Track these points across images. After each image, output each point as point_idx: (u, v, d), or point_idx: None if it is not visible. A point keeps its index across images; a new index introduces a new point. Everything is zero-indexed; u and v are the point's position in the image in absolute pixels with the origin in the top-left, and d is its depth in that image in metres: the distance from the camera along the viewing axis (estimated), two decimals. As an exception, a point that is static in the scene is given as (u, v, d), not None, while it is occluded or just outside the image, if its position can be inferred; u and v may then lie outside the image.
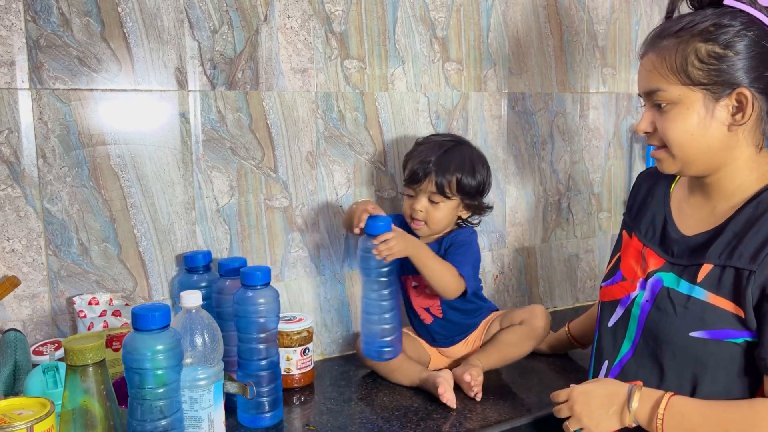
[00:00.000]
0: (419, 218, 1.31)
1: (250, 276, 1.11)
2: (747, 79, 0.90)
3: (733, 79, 0.90)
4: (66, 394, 0.86)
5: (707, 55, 0.90)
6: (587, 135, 1.80)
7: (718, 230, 0.95)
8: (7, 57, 1.12)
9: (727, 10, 0.92)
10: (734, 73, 0.90)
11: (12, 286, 1.13)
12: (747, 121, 0.91)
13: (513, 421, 1.16)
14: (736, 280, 0.90)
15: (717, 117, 0.92)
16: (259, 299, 1.11)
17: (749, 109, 0.90)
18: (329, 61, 1.40)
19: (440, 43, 1.53)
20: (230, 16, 1.29)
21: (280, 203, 1.39)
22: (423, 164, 1.30)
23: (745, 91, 0.90)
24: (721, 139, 0.93)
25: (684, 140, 0.93)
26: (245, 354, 1.12)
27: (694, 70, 0.91)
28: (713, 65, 0.90)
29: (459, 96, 1.57)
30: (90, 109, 1.19)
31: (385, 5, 1.44)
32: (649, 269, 1.02)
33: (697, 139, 0.93)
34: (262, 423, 1.12)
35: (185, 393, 0.96)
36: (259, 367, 1.12)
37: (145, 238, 1.26)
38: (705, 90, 0.91)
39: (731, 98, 0.91)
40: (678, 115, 0.93)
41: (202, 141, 1.29)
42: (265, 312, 1.11)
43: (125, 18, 1.20)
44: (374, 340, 1.26)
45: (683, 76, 0.91)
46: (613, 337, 1.06)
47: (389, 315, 1.25)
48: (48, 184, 1.17)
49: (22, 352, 1.08)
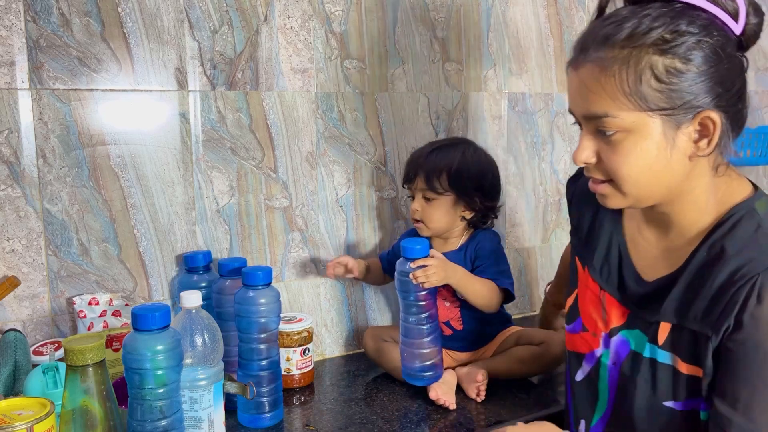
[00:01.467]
0: (416, 218, 1.30)
1: (251, 276, 1.11)
2: (711, 99, 0.74)
3: (696, 100, 0.73)
4: (66, 394, 0.86)
5: (665, 72, 0.73)
6: (587, 135, 1.80)
7: (673, 277, 0.82)
8: (7, 57, 1.12)
9: (678, 7, 0.74)
10: (697, 92, 0.73)
11: (12, 286, 1.13)
12: (712, 148, 0.76)
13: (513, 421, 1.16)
14: (696, 342, 0.79)
15: (678, 146, 0.76)
16: (261, 299, 1.11)
17: (716, 136, 0.75)
18: (329, 61, 1.40)
19: (440, 43, 1.53)
20: (230, 16, 1.29)
21: (280, 203, 1.39)
22: (414, 161, 1.30)
23: (712, 113, 0.74)
24: (682, 172, 0.77)
25: (639, 176, 0.77)
26: (246, 354, 1.12)
27: (650, 92, 0.73)
28: (673, 84, 0.73)
29: (459, 96, 1.57)
30: (90, 109, 1.19)
31: (385, 5, 1.44)
32: (612, 324, 0.90)
33: (655, 174, 0.77)
34: (262, 423, 1.12)
35: (185, 393, 0.96)
36: (260, 367, 1.12)
37: (145, 239, 1.26)
38: (664, 115, 0.74)
39: (694, 123, 0.75)
40: (633, 146, 0.76)
41: (202, 141, 1.29)
42: (266, 312, 1.11)
43: (125, 18, 1.20)
44: (414, 364, 1.21)
45: (638, 100, 0.74)
46: (586, 395, 0.95)
47: (429, 339, 1.20)
48: (48, 184, 1.17)
49: (22, 353, 1.08)
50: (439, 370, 1.22)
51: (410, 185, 1.32)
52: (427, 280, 1.16)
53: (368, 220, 1.49)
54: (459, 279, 1.21)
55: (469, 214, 1.32)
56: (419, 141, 1.52)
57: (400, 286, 1.20)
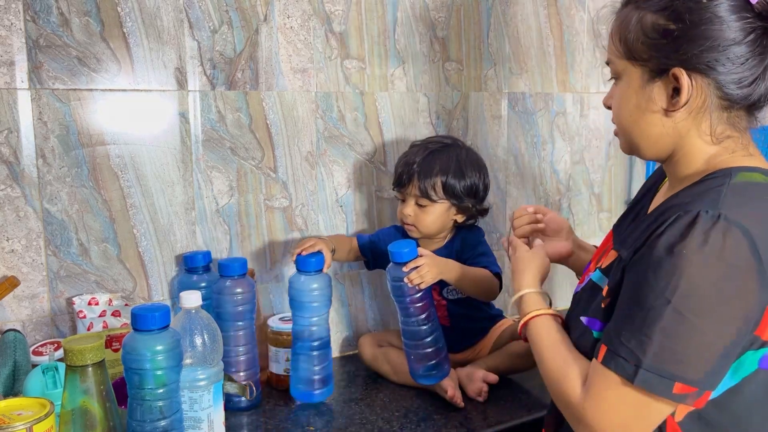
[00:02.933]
0: (408, 222, 1.30)
1: (304, 262, 1.19)
2: (687, 58, 0.76)
3: (669, 57, 0.77)
4: (65, 394, 0.85)
5: (651, 28, 0.78)
6: (587, 135, 1.80)
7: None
8: (7, 57, 1.12)
9: None
10: (676, 50, 0.76)
11: (12, 286, 1.13)
12: (682, 106, 0.78)
13: (513, 421, 1.16)
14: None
15: (653, 98, 0.80)
16: (313, 284, 1.18)
17: (685, 94, 0.77)
18: (329, 61, 1.39)
19: (440, 43, 1.52)
20: (230, 16, 1.29)
21: (280, 203, 1.38)
22: (407, 167, 1.29)
23: (681, 72, 0.76)
24: (658, 124, 0.81)
25: (624, 119, 0.84)
26: (299, 334, 1.20)
27: (636, 44, 0.79)
28: (653, 39, 0.78)
29: (459, 96, 1.57)
30: (90, 109, 1.18)
31: (385, 5, 1.44)
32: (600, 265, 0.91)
33: (636, 120, 0.82)
34: (313, 398, 1.21)
35: (185, 393, 0.96)
36: (312, 347, 1.19)
37: (144, 239, 1.26)
38: (642, 66, 0.80)
39: (669, 79, 0.78)
40: (621, 92, 0.83)
41: (202, 141, 1.29)
42: (318, 296, 1.19)
43: (125, 18, 1.19)
44: (419, 365, 1.21)
45: (626, 49, 0.81)
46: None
47: (430, 338, 1.20)
48: (48, 184, 1.17)
49: (21, 353, 1.08)
50: (446, 366, 1.22)
51: (402, 189, 1.31)
52: (423, 279, 1.15)
53: (368, 220, 1.49)
54: (451, 272, 1.21)
55: (461, 218, 1.33)
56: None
57: (395, 292, 1.20)
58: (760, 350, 0.73)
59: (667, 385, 0.70)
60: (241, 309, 1.18)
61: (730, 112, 0.79)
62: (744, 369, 0.73)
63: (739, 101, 0.78)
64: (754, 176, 0.78)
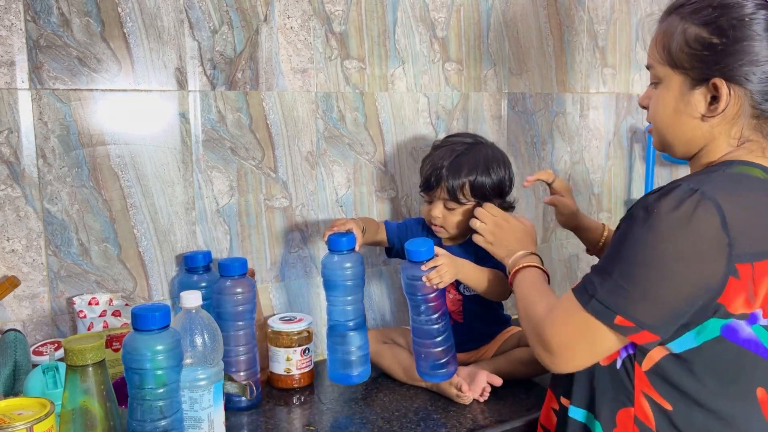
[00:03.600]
0: (437, 224, 1.31)
1: (335, 242, 1.19)
2: (728, 70, 0.84)
3: (710, 67, 0.84)
4: (66, 394, 0.86)
5: (694, 40, 0.85)
6: (587, 135, 1.80)
7: None
8: (7, 57, 1.12)
9: None
10: (717, 62, 0.84)
11: (12, 286, 1.13)
12: (719, 113, 0.86)
13: (513, 421, 1.16)
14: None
15: (692, 104, 0.87)
16: (346, 263, 1.19)
17: (723, 103, 0.85)
18: (329, 61, 1.39)
19: (440, 43, 1.53)
20: (230, 16, 1.29)
21: (280, 203, 1.39)
22: (435, 170, 1.28)
23: (722, 82, 0.84)
24: (694, 128, 0.89)
25: (661, 121, 0.92)
26: (335, 315, 1.22)
27: (678, 52, 0.87)
28: (696, 50, 0.85)
29: (459, 96, 1.57)
30: (90, 109, 1.19)
31: (385, 5, 1.44)
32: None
33: (673, 123, 0.90)
34: (351, 380, 1.22)
35: (185, 393, 0.96)
36: (347, 327, 1.21)
37: (145, 239, 1.26)
38: (684, 74, 0.87)
39: (709, 87, 0.86)
40: (661, 95, 0.91)
41: (202, 141, 1.29)
42: (351, 275, 1.19)
43: (125, 18, 1.19)
44: (427, 363, 1.20)
45: (668, 56, 0.88)
46: None
47: (441, 338, 1.20)
48: (48, 184, 1.17)
49: (22, 353, 1.08)
50: (454, 366, 1.22)
51: (429, 192, 1.30)
52: (441, 279, 1.16)
53: (368, 220, 1.49)
54: (467, 272, 1.21)
55: None
56: (419, 141, 1.52)
57: (410, 290, 1.19)
58: (724, 320, 0.80)
59: (610, 316, 0.81)
60: (241, 309, 1.19)
61: (759, 120, 0.86)
62: (707, 333, 0.81)
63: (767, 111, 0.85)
64: (754, 170, 0.85)
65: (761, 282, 0.79)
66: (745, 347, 0.81)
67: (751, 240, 0.78)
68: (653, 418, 0.86)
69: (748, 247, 0.77)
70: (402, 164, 1.51)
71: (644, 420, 0.87)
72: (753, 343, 0.81)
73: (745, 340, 0.81)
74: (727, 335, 0.81)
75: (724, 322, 0.80)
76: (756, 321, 0.80)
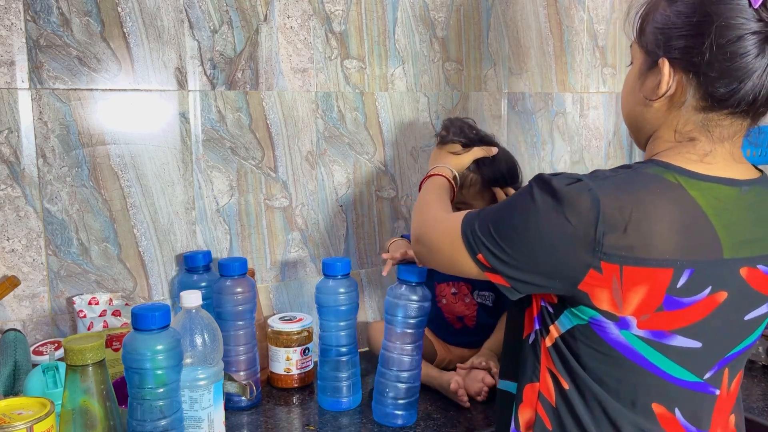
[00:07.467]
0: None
1: (330, 267, 1.19)
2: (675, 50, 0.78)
3: (660, 46, 0.80)
4: (66, 394, 0.86)
5: (661, 17, 0.81)
6: (587, 135, 1.80)
7: None
8: (7, 57, 1.12)
9: None
10: (667, 41, 0.79)
11: (12, 286, 1.13)
12: (661, 96, 0.81)
13: (513, 421, 1.16)
14: None
15: (646, 85, 0.83)
16: (340, 289, 1.19)
17: (664, 84, 0.80)
18: (329, 60, 1.39)
19: (440, 43, 1.53)
20: (230, 15, 1.29)
21: (280, 203, 1.39)
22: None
23: (665, 62, 0.79)
24: (642, 111, 0.85)
25: (622, 100, 0.90)
26: (328, 340, 1.20)
27: (647, 30, 0.83)
28: (657, 28, 0.81)
29: (459, 96, 1.57)
30: (90, 109, 1.19)
31: (385, 5, 1.44)
32: None
33: (627, 103, 0.89)
34: (340, 406, 1.20)
35: (185, 393, 0.96)
36: (339, 353, 1.20)
37: (145, 238, 1.26)
38: (646, 53, 0.83)
39: (658, 68, 0.81)
40: (628, 74, 0.89)
41: (202, 141, 1.29)
42: (345, 300, 1.19)
43: (125, 18, 1.20)
44: (386, 400, 1.13)
45: (640, 32, 0.85)
46: None
47: (407, 374, 1.13)
48: (48, 184, 1.17)
49: (22, 352, 1.08)
50: (413, 414, 1.15)
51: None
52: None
53: (368, 220, 1.49)
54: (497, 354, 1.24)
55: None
56: (419, 141, 1.52)
57: (390, 309, 1.13)
58: (593, 311, 0.80)
59: (474, 251, 0.85)
60: (241, 308, 1.19)
61: (705, 114, 0.79)
62: (577, 318, 0.82)
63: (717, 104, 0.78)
64: (667, 174, 0.79)
65: (632, 288, 0.77)
66: (614, 347, 0.81)
67: (628, 243, 0.75)
68: (554, 395, 0.87)
69: (622, 250, 0.75)
70: (402, 164, 1.51)
71: (547, 396, 0.87)
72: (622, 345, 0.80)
73: (614, 341, 0.80)
74: (596, 328, 0.81)
75: (593, 314, 0.80)
76: (627, 327, 0.79)
